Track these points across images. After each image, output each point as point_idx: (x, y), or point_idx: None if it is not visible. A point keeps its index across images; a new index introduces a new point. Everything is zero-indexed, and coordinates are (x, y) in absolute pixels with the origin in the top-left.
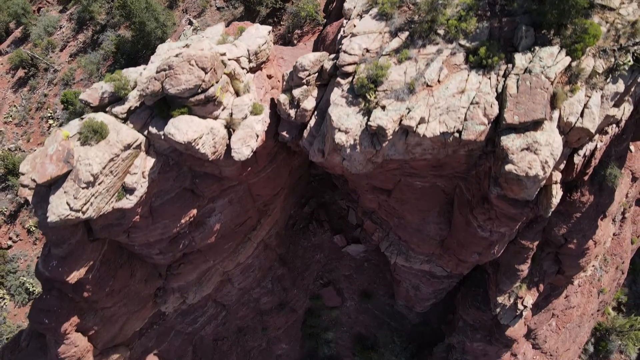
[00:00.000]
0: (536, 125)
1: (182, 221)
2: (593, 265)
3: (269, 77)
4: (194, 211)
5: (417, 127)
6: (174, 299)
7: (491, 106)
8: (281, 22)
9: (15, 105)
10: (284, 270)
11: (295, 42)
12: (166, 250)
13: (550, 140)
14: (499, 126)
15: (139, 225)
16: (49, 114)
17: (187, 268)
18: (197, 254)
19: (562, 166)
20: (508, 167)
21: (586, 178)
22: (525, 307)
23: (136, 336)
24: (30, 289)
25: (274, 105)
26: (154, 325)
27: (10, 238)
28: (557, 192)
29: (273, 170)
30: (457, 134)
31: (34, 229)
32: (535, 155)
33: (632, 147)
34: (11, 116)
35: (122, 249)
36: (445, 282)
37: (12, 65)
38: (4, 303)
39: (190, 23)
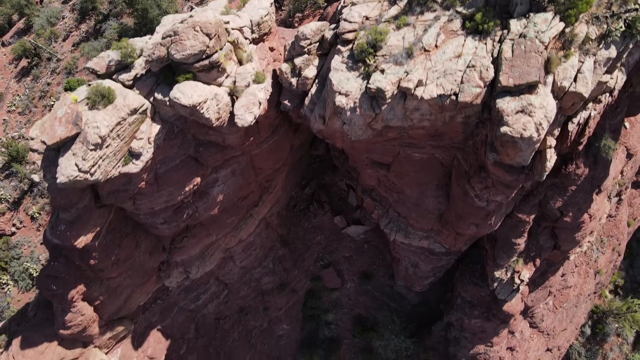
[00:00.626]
0: (531, 88)
1: (187, 189)
2: (589, 242)
3: (271, 49)
4: (198, 179)
5: (415, 89)
6: (178, 274)
7: (487, 69)
8: (282, 7)
9: (18, 95)
10: (284, 250)
11: (296, 25)
12: (170, 220)
13: (544, 104)
14: (494, 90)
15: (145, 192)
16: (52, 102)
17: (190, 242)
18: (200, 228)
19: (556, 132)
20: (503, 129)
21: (581, 148)
22: (522, 281)
23: (140, 310)
24: (34, 275)
25: (275, 76)
26: (158, 300)
27: (14, 225)
28: (551, 157)
29: (275, 143)
30: (453, 97)
31: (37, 215)
32: (530, 117)
33: (626, 124)
34: (15, 105)
35: (128, 219)
36: (443, 260)
37: (15, 55)
38: (8, 289)
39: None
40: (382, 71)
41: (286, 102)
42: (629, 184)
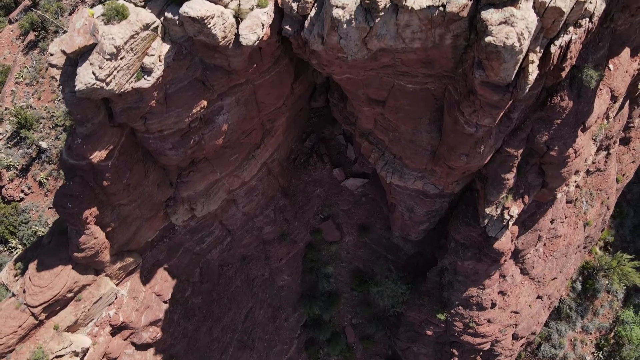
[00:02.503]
0: (513, 1)
1: (194, 111)
2: (575, 183)
3: None
4: (204, 102)
5: (405, 0)
6: (184, 211)
7: None
8: None
9: (26, 67)
10: (285, 201)
11: None
12: (178, 145)
13: (525, 16)
14: (479, 3)
15: (155, 111)
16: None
17: (196, 176)
18: (205, 163)
19: (538, 50)
20: (487, 38)
21: (564, 75)
22: (511, 217)
23: (148, 247)
24: None
25: (277, 4)
26: (165, 238)
27: (22, 191)
28: (533, 70)
29: (277, 75)
30: (441, 8)
31: (45, 181)
32: (512, 27)
33: (610, 66)
34: (22, 76)
35: (138, 146)
36: (437, 202)
37: (22, 31)
38: (17, 253)
39: None
40: None
41: (287, 27)
42: (617, 138)
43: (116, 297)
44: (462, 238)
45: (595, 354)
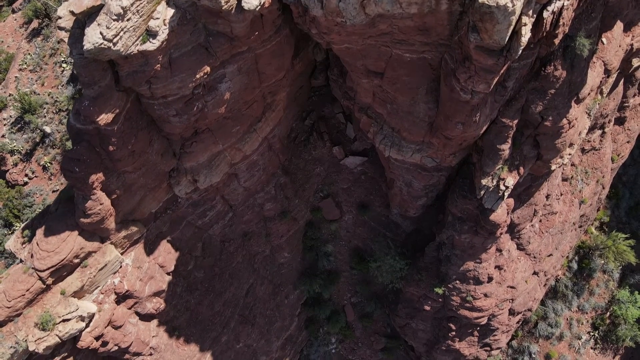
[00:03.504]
0: None
1: (197, 76)
2: (569, 155)
3: None
4: (208, 68)
5: None
6: (187, 182)
7: None
8: None
9: (29, 54)
10: (286, 179)
11: None
12: (182, 112)
13: None
14: None
15: (159, 76)
16: (62, 59)
17: (198, 147)
18: (207, 134)
19: (531, 14)
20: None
21: (557, 42)
22: (506, 187)
23: (152, 218)
24: None
25: None
26: (168, 210)
27: (26, 175)
28: (526, 33)
29: (277, 45)
30: None
31: (49, 165)
32: None
33: (604, 39)
34: (26, 63)
35: (143, 113)
36: (435, 176)
37: (25, 19)
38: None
39: None
40: None
41: None
42: (612, 117)
43: (121, 266)
44: (459, 211)
45: (592, 333)
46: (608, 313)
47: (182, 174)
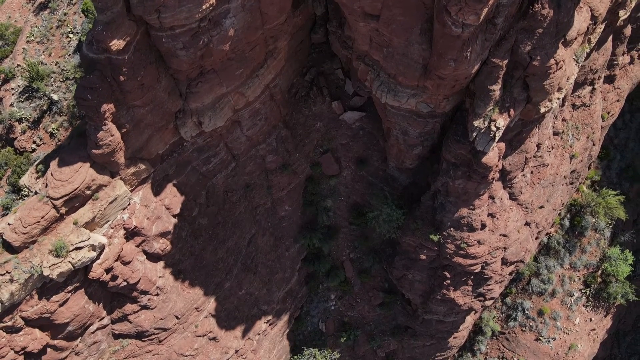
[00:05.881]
0: None
1: (203, 7)
2: (558, 99)
3: None
4: (213, 0)
5: None
6: (192, 125)
7: None
8: None
9: (36, 26)
10: (287, 132)
11: None
12: (188, 45)
13: None
14: None
15: (168, 5)
16: (69, 30)
17: (204, 87)
18: (212, 74)
19: None
20: None
21: None
22: (497, 128)
23: (159, 159)
24: None
25: None
26: (174, 153)
27: (34, 142)
28: None
29: None
30: None
31: (56, 132)
32: None
33: None
34: (33, 35)
35: (152, 48)
36: (430, 123)
37: None
38: None
39: None
40: None
41: None
42: (601, 73)
43: (129, 203)
44: (452, 157)
45: (583, 291)
46: (599, 271)
47: (187, 115)
